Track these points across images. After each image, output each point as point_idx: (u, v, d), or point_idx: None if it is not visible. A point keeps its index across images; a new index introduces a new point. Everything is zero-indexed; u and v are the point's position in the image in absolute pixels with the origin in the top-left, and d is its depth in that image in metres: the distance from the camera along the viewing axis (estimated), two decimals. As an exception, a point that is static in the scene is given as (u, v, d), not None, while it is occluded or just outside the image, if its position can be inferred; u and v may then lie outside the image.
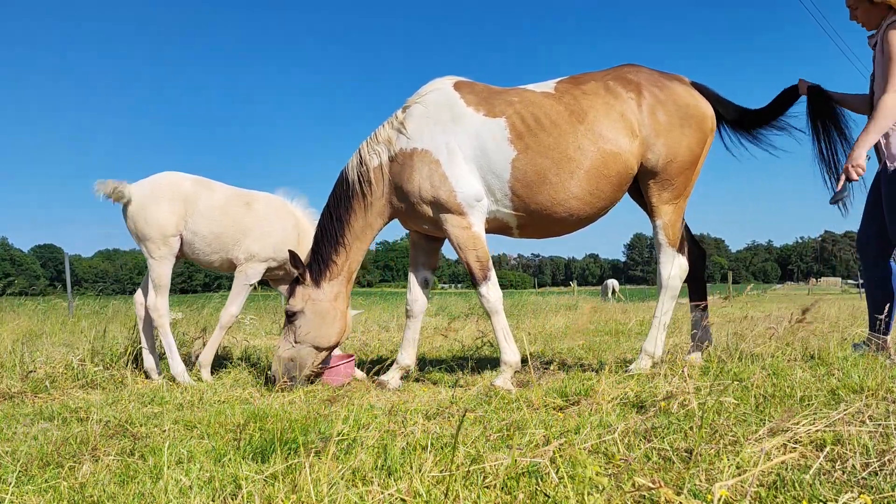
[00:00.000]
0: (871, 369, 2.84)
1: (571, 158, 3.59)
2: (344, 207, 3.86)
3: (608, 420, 2.31)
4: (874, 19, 3.47)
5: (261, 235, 4.46)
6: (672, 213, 3.73)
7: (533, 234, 3.93)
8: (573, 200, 3.65)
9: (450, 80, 3.94)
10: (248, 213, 4.48)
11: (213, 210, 4.40)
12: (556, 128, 3.62)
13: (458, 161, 3.64)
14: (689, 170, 3.71)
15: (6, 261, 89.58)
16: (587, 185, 3.62)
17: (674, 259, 3.73)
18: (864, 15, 3.51)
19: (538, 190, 3.63)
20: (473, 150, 3.66)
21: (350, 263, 3.94)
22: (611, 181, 3.65)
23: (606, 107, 3.66)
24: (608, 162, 3.60)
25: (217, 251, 4.43)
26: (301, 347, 3.84)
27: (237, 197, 4.54)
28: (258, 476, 1.86)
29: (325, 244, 3.88)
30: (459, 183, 3.62)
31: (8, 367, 4.33)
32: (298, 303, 3.85)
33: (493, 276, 3.72)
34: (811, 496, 1.56)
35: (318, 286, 3.87)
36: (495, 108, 3.72)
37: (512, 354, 3.64)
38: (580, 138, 3.60)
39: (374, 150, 3.83)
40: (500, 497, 1.64)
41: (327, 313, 3.88)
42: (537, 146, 3.60)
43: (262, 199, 4.63)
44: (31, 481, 2.03)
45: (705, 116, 3.74)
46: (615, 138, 3.61)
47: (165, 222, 4.26)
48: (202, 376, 4.36)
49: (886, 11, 3.38)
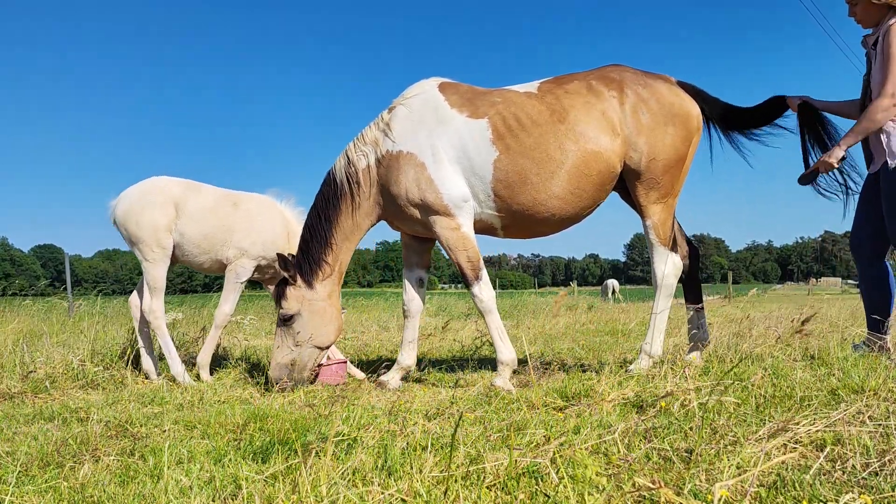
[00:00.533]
0: (872, 369, 2.84)
1: (552, 158, 3.59)
2: (333, 208, 3.85)
3: (608, 420, 2.31)
4: (873, 18, 3.40)
5: (249, 233, 4.46)
6: (661, 212, 3.72)
7: (517, 235, 3.94)
8: (554, 200, 3.65)
9: (435, 82, 3.94)
10: (235, 213, 4.49)
11: (203, 212, 4.43)
12: (537, 127, 3.62)
13: (444, 163, 3.64)
14: (676, 168, 3.69)
15: (6, 261, 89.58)
16: (568, 184, 3.61)
17: (667, 257, 3.72)
18: (862, 12, 3.43)
19: (519, 190, 3.63)
20: (457, 152, 3.66)
21: (340, 263, 3.94)
22: (592, 181, 3.64)
23: (587, 106, 3.65)
24: (589, 161, 3.60)
25: (206, 252, 4.45)
26: (302, 349, 3.83)
27: (225, 198, 4.56)
28: (258, 476, 1.86)
29: (315, 244, 3.86)
30: (445, 185, 3.62)
31: (8, 368, 4.33)
32: (294, 305, 3.83)
33: (485, 275, 3.72)
34: (811, 496, 1.56)
35: (311, 287, 3.86)
36: (478, 109, 3.73)
37: (508, 353, 3.64)
38: (561, 138, 3.60)
39: (361, 151, 3.83)
40: (500, 497, 1.64)
41: (324, 312, 3.88)
42: (518, 147, 3.60)
43: (250, 199, 4.64)
44: (31, 481, 2.03)
45: (690, 115, 3.73)
46: (596, 137, 3.60)
47: (158, 224, 4.30)
48: (201, 376, 4.36)
49: (887, 11, 3.32)
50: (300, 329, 3.83)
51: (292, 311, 3.82)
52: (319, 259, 3.85)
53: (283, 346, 3.85)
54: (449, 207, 3.64)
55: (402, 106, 3.83)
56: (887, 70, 3.23)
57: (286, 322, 3.83)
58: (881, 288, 3.51)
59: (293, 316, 3.82)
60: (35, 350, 4.88)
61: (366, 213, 3.88)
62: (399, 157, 3.70)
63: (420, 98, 3.82)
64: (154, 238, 4.30)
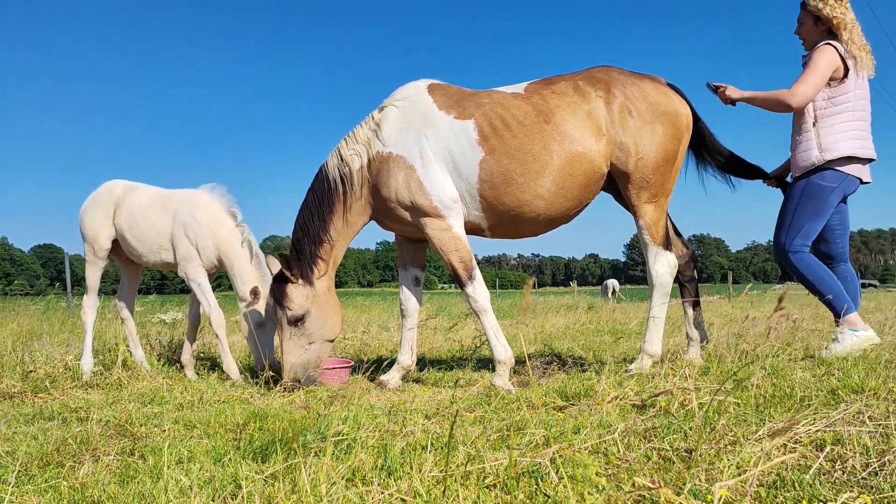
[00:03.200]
0: (872, 369, 2.84)
1: (537, 159, 3.58)
2: (327, 206, 3.84)
3: (608, 420, 2.31)
4: (813, 39, 3.64)
5: (182, 234, 4.35)
6: (653, 212, 3.71)
7: (504, 235, 3.94)
8: (539, 201, 3.64)
9: (424, 83, 3.94)
10: (164, 215, 4.43)
11: (134, 213, 4.48)
12: (523, 128, 3.61)
13: (433, 165, 3.64)
14: (665, 167, 3.68)
15: (6, 261, 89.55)
16: (553, 185, 3.60)
17: (661, 256, 3.72)
18: (806, 32, 3.68)
19: (504, 191, 3.63)
20: (445, 153, 3.66)
21: (335, 259, 3.95)
22: (577, 181, 3.63)
23: (573, 106, 3.65)
24: (574, 162, 3.59)
25: (145, 254, 4.49)
26: (315, 346, 3.86)
27: (156, 198, 4.54)
28: (258, 476, 1.86)
29: (310, 243, 3.85)
30: (434, 187, 3.62)
31: (8, 367, 4.33)
32: (303, 304, 3.81)
33: (478, 275, 3.71)
34: (811, 496, 1.56)
35: (312, 284, 3.85)
36: (465, 110, 3.72)
37: (504, 352, 3.64)
38: (546, 138, 3.59)
39: (354, 151, 3.82)
40: (500, 497, 1.64)
41: (329, 305, 3.91)
42: (503, 148, 3.60)
43: (176, 197, 4.53)
44: (31, 481, 2.03)
45: (678, 113, 3.72)
46: (581, 138, 3.60)
47: (98, 227, 4.55)
48: (232, 378, 4.27)
49: (825, 35, 3.57)
50: (313, 327, 3.83)
51: (302, 311, 3.81)
52: (315, 257, 3.84)
53: (296, 346, 3.82)
54: (439, 209, 3.63)
55: (393, 107, 3.82)
56: (802, 75, 3.51)
57: (297, 322, 3.81)
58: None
59: (304, 315, 3.82)
60: (35, 350, 4.88)
61: (358, 212, 3.88)
62: (389, 160, 3.70)
63: (409, 100, 3.82)
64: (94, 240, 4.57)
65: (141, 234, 4.42)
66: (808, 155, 3.52)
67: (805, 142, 3.55)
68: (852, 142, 3.46)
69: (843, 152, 3.44)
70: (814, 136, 3.52)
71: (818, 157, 3.48)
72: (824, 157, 3.46)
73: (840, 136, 3.46)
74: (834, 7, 3.51)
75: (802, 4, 3.66)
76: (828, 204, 3.53)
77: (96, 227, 4.54)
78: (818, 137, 3.50)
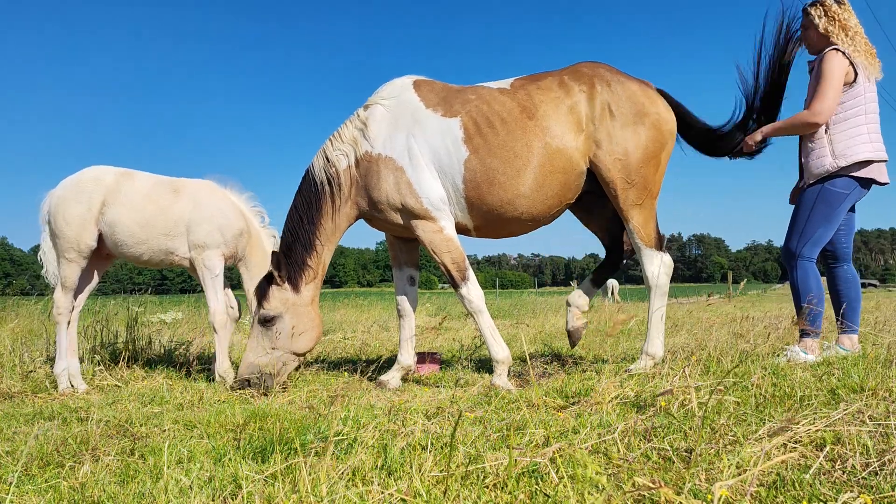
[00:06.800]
0: (871, 369, 2.84)
1: (518, 156, 3.57)
2: (315, 209, 3.78)
3: (608, 420, 2.31)
4: (817, 45, 3.63)
5: (200, 221, 4.20)
6: (641, 214, 3.70)
7: (490, 235, 3.92)
8: (522, 199, 3.63)
9: (409, 79, 3.91)
10: (177, 200, 4.23)
11: (136, 199, 4.15)
12: (505, 126, 3.60)
13: (421, 165, 3.62)
14: (646, 168, 3.66)
15: (6, 261, 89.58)
16: (534, 182, 3.60)
17: (655, 258, 3.72)
18: (809, 38, 3.66)
19: (487, 191, 3.62)
20: (432, 153, 3.64)
21: (323, 265, 3.88)
22: (557, 178, 3.63)
23: (556, 101, 3.64)
24: (553, 158, 3.59)
25: (145, 240, 4.15)
26: (278, 353, 3.72)
27: (163, 183, 4.31)
28: (258, 476, 1.85)
29: (299, 247, 3.77)
30: (424, 188, 3.60)
31: (8, 367, 4.33)
32: (278, 307, 3.72)
33: (472, 275, 3.70)
34: (811, 496, 1.56)
35: (298, 290, 3.76)
36: (452, 107, 3.71)
37: (502, 351, 3.64)
38: (528, 135, 3.59)
39: (340, 151, 3.77)
40: (500, 497, 1.64)
41: (307, 317, 3.78)
42: (486, 146, 3.59)
43: (192, 185, 4.37)
44: (31, 481, 2.03)
45: (661, 118, 3.72)
46: (562, 134, 3.60)
47: (84, 220, 4.10)
48: (228, 384, 4.06)
49: (828, 41, 3.56)
50: (280, 332, 3.71)
51: (275, 313, 3.71)
52: (304, 262, 3.77)
53: (258, 346, 3.72)
54: (429, 211, 3.62)
55: (379, 105, 3.78)
56: (816, 90, 3.47)
57: (266, 323, 3.72)
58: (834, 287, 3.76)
59: (275, 317, 3.72)
60: (35, 350, 4.88)
61: (345, 214, 3.83)
62: (378, 161, 3.67)
63: (396, 98, 3.79)
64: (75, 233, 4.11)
65: (144, 220, 4.13)
66: (821, 162, 3.49)
67: (818, 149, 3.51)
68: (865, 146, 3.43)
69: (857, 157, 3.41)
70: (827, 142, 3.48)
71: (832, 163, 3.45)
72: (838, 164, 3.43)
73: (853, 141, 3.43)
74: (837, 14, 3.49)
75: (805, 11, 3.64)
76: (839, 211, 3.50)
77: (82, 221, 4.08)
78: (831, 144, 3.47)
